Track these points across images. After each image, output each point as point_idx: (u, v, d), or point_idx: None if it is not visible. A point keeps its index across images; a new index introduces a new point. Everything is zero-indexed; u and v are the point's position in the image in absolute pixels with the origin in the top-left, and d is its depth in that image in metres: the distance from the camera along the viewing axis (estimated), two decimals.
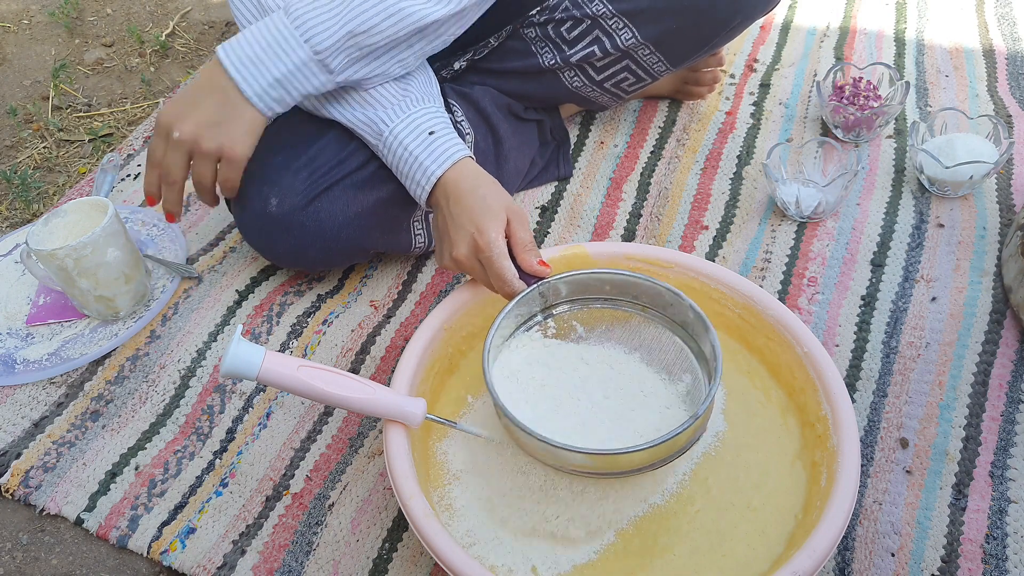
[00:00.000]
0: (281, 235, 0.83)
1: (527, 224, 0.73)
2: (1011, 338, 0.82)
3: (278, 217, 0.82)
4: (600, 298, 0.73)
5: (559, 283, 0.71)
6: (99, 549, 0.74)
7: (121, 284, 0.87)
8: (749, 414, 0.72)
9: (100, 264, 0.84)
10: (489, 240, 0.70)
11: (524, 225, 0.72)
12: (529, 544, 0.64)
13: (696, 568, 0.63)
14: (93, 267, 0.84)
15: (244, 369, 0.61)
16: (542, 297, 0.72)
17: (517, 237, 0.71)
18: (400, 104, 0.79)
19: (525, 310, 0.72)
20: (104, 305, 0.88)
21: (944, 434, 0.75)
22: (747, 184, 1.03)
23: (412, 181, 0.78)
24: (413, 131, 0.77)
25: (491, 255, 0.69)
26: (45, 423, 0.83)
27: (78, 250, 0.82)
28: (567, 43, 0.92)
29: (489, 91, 0.94)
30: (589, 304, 0.73)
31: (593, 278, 0.72)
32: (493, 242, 0.69)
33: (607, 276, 0.72)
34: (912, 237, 0.94)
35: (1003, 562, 0.67)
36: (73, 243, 0.82)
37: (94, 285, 0.85)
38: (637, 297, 0.72)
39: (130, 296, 0.89)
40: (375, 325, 0.90)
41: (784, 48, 1.25)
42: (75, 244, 0.81)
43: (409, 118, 0.78)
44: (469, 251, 0.71)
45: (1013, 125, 1.06)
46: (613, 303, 0.73)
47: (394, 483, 0.63)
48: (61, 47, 1.43)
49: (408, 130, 0.77)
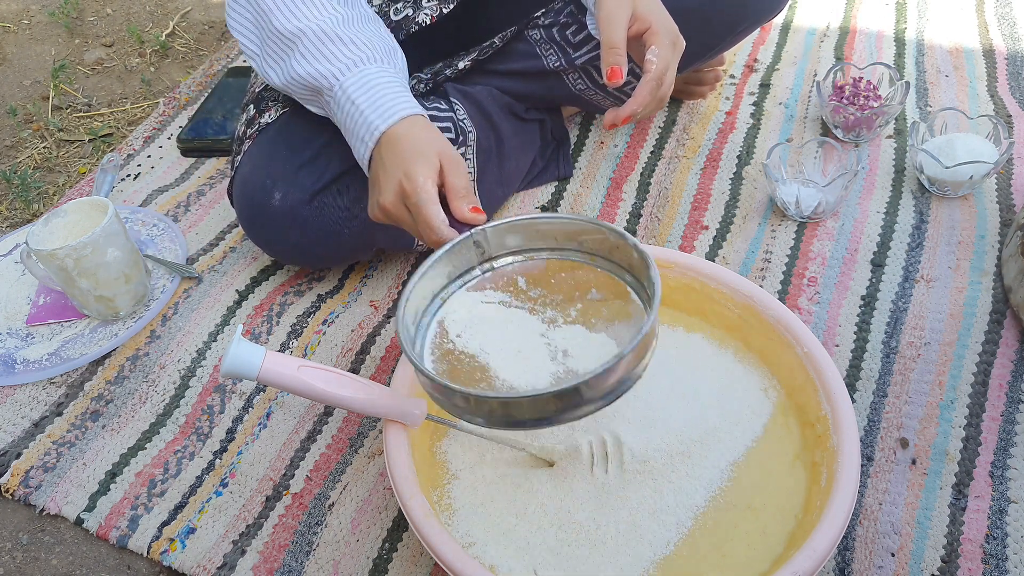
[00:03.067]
0: (285, 230, 0.83)
1: (463, 171, 0.69)
2: (1011, 338, 0.82)
3: (282, 212, 0.82)
4: (545, 248, 0.68)
5: (494, 231, 0.66)
6: (99, 549, 0.74)
7: (121, 284, 0.87)
8: (749, 414, 0.72)
9: (100, 264, 0.84)
10: (417, 185, 0.66)
11: (458, 171, 0.68)
12: (529, 544, 0.64)
13: (696, 568, 0.63)
14: (93, 267, 0.84)
15: (244, 369, 0.61)
16: (478, 248, 0.66)
17: (450, 183, 0.67)
18: (356, 61, 0.76)
19: (461, 262, 0.66)
20: (104, 305, 0.88)
21: (944, 434, 0.75)
22: (747, 184, 1.03)
23: (357, 139, 0.74)
24: (363, 86, 0.74)
25: (418, 200, 0.66)
26: (45, 423, 0.83)
27: (78, 250, 0.82)
28: (572, 46, 0.92)
29: (491, 91, 0.95)
30: (533, 255, 0.68)
31: (531, 226, 0.66)
32: (421, 187, 0.66)
33: (545, 223, 0.66)
34: (912, 237, 0.94)
35: (1003, 562, 0.67)
36: (73, 243, 0.82)
37: (94, 285, 0.85)
38: (582, 244, 0.67)
39: (130, 296, 0.89)
40: (375, 325, 0.90)
41: (784, 48, 1.25)
42: (75, 244, 0.81)
43: (362, 74, 0.74)
44: (396, 197, 0.68)
45: (1013, 125, 1.06)
46: (560, 253, 0.68)
47: (394, 483, 0.63)
48: (61, 47, 1.43)
49: (357, 85, 0.74)
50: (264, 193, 0.82)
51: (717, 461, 0.68)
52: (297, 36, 0.75)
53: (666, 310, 0.81)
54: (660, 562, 0.63)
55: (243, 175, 0.85)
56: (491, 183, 0.95)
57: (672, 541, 0.64)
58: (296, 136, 0.84)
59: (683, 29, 0.88)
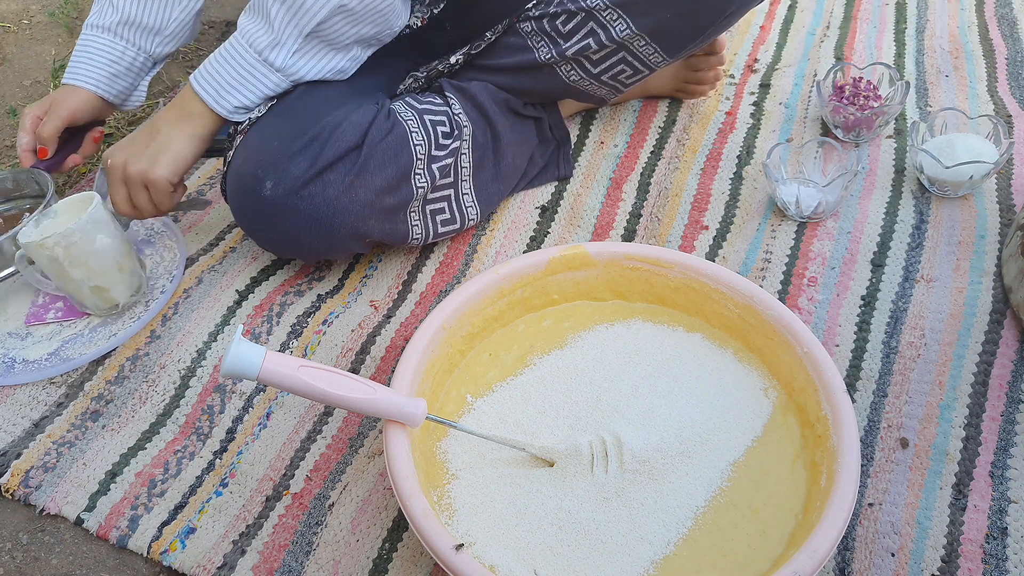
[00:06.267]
0: (276, 220, 0.84)
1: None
2: (1011, 338, 0.82)
3: (273, 201, 0.82)
4: None
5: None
6: (99, 549, 0.74)
7: (115, 273, 0.88)
8: (749, 414, 0.72)
9: (90, 251, 0.84)
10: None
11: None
12: (529, 544, 0.64)
13: (696, 568, 0.63)
14: (84, 255, 0.84)
15: (245, 369, 0.61)
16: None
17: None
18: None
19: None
20: (100, 297, 0.88)
21: (944, 434, 0.75)
22: (747, 184, 1.03)
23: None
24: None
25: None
26: (45, 423, 0.83)
27: (67, 237, 0.82)
28: (563, 36, 0.92)
29: (487, 87, 0.95)
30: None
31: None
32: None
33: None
34: (912, 237, 0.94)
35: (1003, 562, 0.67)
36: (61, 230, 0.82)
37: (87, 275, 0.86)
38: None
39: (126, 286, 0.90)
40: (375, 325, 0.90)
41: (784, 48, 1.25)
42: (63, 231, 0.82)
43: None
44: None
45: (1013, 125, 1.06)
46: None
47: (394, 483, 0.63)
48: (61, 47, 1.43)
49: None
50: (256, 183, 0.83)
51: (717, 461, 0.68)
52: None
53: (666, 310, 0.81)
54: (660, 562, 0.63)
55: (235, 167, 0.86)
56: (487, 179, 0.96)
57: (672, 541, 0.64)
58: (286, 127, 0.84)
59: (672, 13, 0.87)
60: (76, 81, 0.98)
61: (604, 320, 0.81)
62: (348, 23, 0.83)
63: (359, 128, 0.84)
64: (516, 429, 0.72)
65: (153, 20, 0.99)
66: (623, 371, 0.75)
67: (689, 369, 0.75)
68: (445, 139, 0.89)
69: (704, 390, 0.73)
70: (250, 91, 0.85)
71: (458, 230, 0.96)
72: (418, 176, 0.87)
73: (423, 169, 0.87)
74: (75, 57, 0.99)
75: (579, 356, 0.77)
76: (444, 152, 0.89)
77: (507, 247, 0.98)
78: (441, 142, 0.89)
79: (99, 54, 0.98)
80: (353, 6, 0.81)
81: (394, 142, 0.85)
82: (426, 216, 0.91)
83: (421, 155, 0.87)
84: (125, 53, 0.98)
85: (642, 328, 0.80)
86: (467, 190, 0.94)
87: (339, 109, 0.85)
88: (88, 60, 0.98)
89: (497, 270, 0.78)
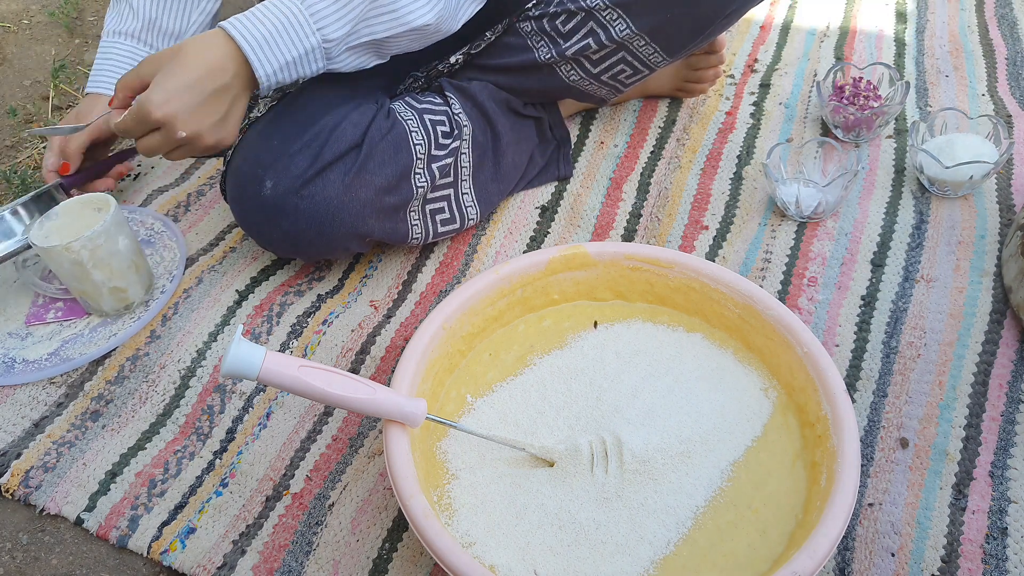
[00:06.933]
0: (276, 219, 0.84)
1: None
2: (1011, 338, 0.82)
3: (273, 199, 0.82)
4: None
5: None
6: (99, 549, 0.74)
7: (132, 273, 0.88)
8: (749, 414, 0.72)
9: (113, 253, 0.85)
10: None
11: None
12: (529, 544, 0.64)
13: (696, 568, 0.63)
14: (107, 256, 0.85)
15: (245, 369, 0.61)
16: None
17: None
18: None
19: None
20: (116, 297, 0.89)
21: (944, 434, 0.75)
22: (747, 184, 1.03)
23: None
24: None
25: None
26: (45, 423, 0.83)
27: (93, 240, 0.83)
28: (562, 36, 0.92)
29: (487, 86, 0.95)
30: None
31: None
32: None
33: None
34: (912, 237, 0.94)
35: (1003, 562, 0.67)
36: (88, 233, 0.82)
37: (108, 276, 0.86)
38: None
39: (140, 285, 0.91)
40: (375, 325, 0.90)
41: (784, 48, 1.25)
42: (89, 235, 0.82)
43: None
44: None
45: (1013, 125, 1.06)
46: None
47: (394, 483, 0.63)
48: (61, 47, 1.43)
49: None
50: (255, 182, 0.83)
51: (717, 461, 0.68)
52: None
53: (666, 310, 0.81)
54: (660, 562, 0.63)
55: (234, 167, 0.86)
56: (487, 179, 0.96)
57: (672, 541, 0.64)
58: (286, 126, 0.84)
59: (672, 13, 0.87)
60: (100, 89, 0.97)
61: (604, 320, 0.81)
62: (412, 41, 0.84)
63: (359, 127, 0.84)
64: (516, 429, 0.72)
65: (174, 24, 0.98)
66: (623, 371, 0.75)
67: (689, 369, 0.75)
68: (445, 139, 0.89)
69: (704, 390, 0.73)
70: (295, 70, 0.82)
71: (458, 230, 0.96)
72: (418, 175, 0.87)
73: (423, 168, 0.87)
74: (98, 65, 0.98)
75: (579, 356, 0.77)
76: (444, 152, 0.89)
77: (507, 247, 0.98)
78: (441, 142, 0.89)
79: (123, 60, 0.97)
80: (430, 31, 0.82)
81: (394, 141, 0.85)
82: (426, 216, 0.91)
83: (421, 154, 0.87)
84: None
85: (642, 328, 0.80)
86: (467, 190, 0.94)
87: (339, 109, 0.85)
88: (112, 67, 0.97)
89: (497, 270, 0.78)
